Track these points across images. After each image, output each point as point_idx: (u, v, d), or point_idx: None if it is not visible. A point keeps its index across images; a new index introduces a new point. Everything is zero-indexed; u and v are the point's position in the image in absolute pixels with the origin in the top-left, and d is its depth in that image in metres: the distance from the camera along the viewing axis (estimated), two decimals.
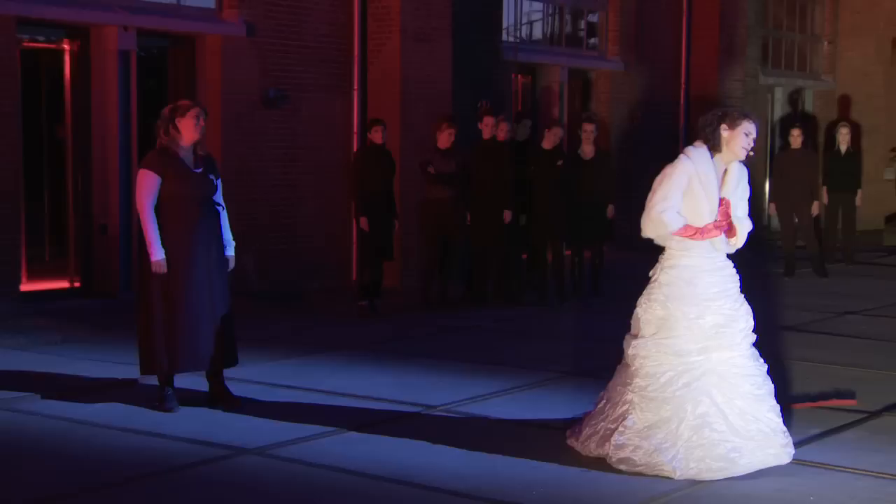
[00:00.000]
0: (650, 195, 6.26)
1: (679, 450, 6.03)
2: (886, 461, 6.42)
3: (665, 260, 6.35)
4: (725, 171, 6.29)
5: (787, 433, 6.25)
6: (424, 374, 8.73)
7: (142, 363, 7.54)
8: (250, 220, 12.69)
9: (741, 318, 6.27)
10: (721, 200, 6.23)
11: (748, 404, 6.15)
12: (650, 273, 6.44)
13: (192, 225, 7.40)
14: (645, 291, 6.40)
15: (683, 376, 6.15)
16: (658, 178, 6.27)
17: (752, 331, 6.33)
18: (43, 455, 6.51)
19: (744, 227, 6.31)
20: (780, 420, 6.25)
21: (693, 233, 6.20)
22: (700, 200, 6.19)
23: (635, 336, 6.36)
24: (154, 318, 7.39)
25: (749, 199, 6.44)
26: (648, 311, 6.32)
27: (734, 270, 6.39)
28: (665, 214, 6.17)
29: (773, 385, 6.32)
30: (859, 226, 17.06)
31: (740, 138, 6.20)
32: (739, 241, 6.31)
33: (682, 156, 6.27)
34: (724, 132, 6.20)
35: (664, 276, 6.31)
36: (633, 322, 6.45)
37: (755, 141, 6.28)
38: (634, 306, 6.46)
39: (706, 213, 6.20)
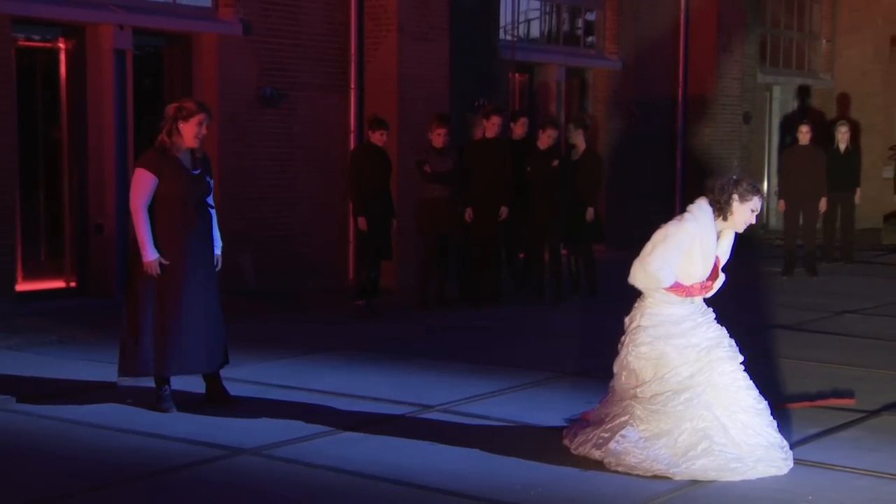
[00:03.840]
0: (649, 247, 6.26)
1: (679, 460, 6.04)
2: (885, 460, 6.42)
3: (646, 308, 6.39)
4: (720, 232, 6.34)
5: (785, 447, 6.26)
6: (422, 374, 8.71)
7: (120, 365, 7.49)
8: (247, 220, 12.66)
9: (726, 338, 6.36)
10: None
11: (751, 418, 6.19)
12: (626, 319, 6.48)
13: (187, 226, 7.36)
14: (627, 341, 6.44)
15: (684, 393, 6.20)
16: (661, 233, 6.27)
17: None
18: (40, 456, 6.49)
19: (720, 281, 6.42)
20: (779, 435, 6.28)
21: (680, 290, 6.27)
22: (696, 263, 6.25)
23: (638, 385, 6.32)
24: (142, 321, 7.32)
25: None
26: (640, 357, 6.34)
27: (706, 306, 6.45)
28: (661, 272, 6.21)
29: (767, 402, 6.36)
30: (858, 224, 17.04)
31: (746, 214, 6.26)
32: (712, 292, 6.43)
33: (688, 215, 6.27)
34: (735, 202, 6.22)
35: (646, 321, 6.35)
36: (624, 374, 6.42)
37: (757, 218, 6.35)
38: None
39: (697, 275, 6.28)
